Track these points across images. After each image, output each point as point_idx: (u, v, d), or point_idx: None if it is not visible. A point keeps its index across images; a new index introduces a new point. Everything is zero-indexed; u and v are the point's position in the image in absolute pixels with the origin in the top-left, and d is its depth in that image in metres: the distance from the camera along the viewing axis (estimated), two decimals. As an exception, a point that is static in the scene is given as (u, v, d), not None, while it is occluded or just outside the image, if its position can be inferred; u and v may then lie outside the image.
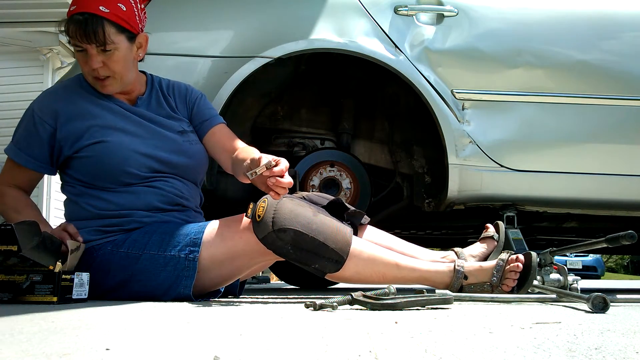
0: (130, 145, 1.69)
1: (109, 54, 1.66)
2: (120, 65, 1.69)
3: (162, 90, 1.87)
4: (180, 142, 1.79)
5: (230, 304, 1.51)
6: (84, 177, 1.70)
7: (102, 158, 1.67)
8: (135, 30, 1.72)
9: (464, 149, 2.31)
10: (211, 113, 1.90)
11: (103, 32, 1.62)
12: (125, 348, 0.71)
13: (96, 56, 1.65)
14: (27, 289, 1.37)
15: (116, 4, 1.65)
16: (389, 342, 0.77)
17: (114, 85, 1.73)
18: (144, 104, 1.81)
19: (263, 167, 1.45)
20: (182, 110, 1.88)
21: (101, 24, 1.61)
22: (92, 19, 1.61)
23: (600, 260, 14.70)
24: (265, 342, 0.77)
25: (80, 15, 1.61)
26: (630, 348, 0.75)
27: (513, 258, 1.69)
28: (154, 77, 1.90)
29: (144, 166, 1.70)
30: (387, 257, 1.66)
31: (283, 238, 1.52)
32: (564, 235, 3.24)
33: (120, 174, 1.67)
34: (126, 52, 1.70)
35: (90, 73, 1.69)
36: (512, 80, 2.36)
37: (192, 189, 1.81)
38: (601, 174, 2.38)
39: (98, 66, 1.66)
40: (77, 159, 1.70)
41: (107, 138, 1.68)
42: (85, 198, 1.70)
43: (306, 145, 2.72)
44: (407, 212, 2.75)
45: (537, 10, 2.41)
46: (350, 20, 2.32)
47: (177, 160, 1.76)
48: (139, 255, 1.60)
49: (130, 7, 1.69)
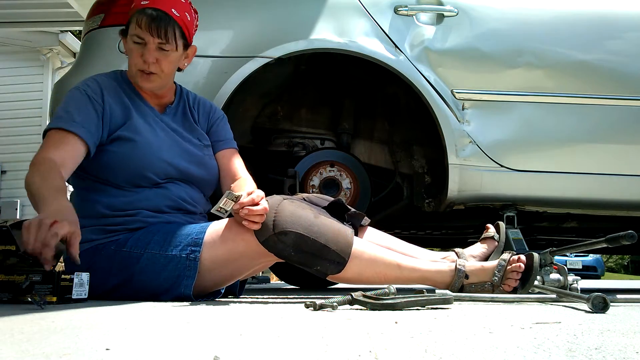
0: (156, 150, 1.71)
1: (165, 53, 1.71)
2: (171, 66, 1.75)
3: (189, 102, 1.90)
4: (201, 155, 1.82)
5: (230, 304, 1.51)
6: (100, 171, 1.69)
7: (127, 157, 1.67)
8: (190, 41, 1.79)
9: (464, 149, 2.31)
10: (227, 136, 1.94)
11: (173, 31, 1.69)
12: (125, 348, 0.71)
13: (154, 51, 1.69)
14: (26, 289, 1.37)
15: (184, 11, 1.73)
16: (389, 342, 0.77)
17: (156, 83, 1.75)
18: (171, 113, 1.84)
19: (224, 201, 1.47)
20: (203, 124, 1.91)
21: (172, 24, 1.69)
22: (165, 17, 1.68)
23: (600, 260, 14.69)
24: (265, 342, 0.77)
25: (154, 11, 1.68)
26: (630, 348, 0.75)
27: (515, 258, 1.69)
28: (182, 89, 1.93)
29: (163, 173, 1.71)
30: (388, 258, 1.66)
31: (284, 241, 1.52)
32: (564, 235, 3.24)
33: (139, 176, 1.68)
34: (178, 57, 1.76)
35: (140, 65, 1.71)
36: (512, 80, 2.36)
37: (201, 198, 1.83)
38: (601, 174, 2.38)
39: (152, 60, 1.70)
40: (105, 152, 1.69)
41: (137, 138, 1.69)
42: (92, 193, 1.69)
43: (306, 145, 2.72)
44: (407, 212, 2.75)
45: (537, 10, 2.42)
46: (350, 20, 2.32)
47: (196, 172, 1.78)
48: (141, 255, 1.60)
49: (192, 18, 1.78)
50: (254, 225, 1.51)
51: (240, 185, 1.75)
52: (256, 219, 1.50)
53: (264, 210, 1.49)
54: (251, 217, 1.49)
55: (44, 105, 7.01)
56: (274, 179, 2.59)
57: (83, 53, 2.38)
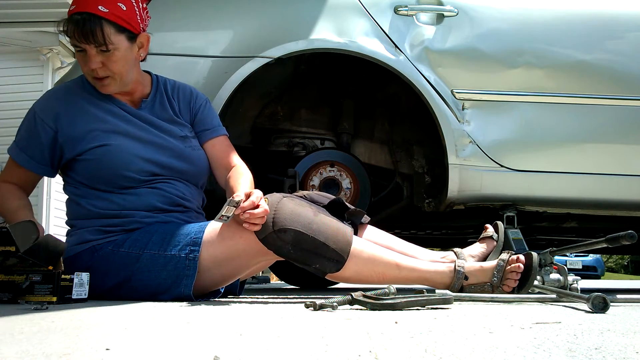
0: (131, 149, 1.68)
1: (108, 54, 1.64)
2: (120, 66, 1.67)
3: (167, 92, 1.86)
4: (182, 148, 1.78)
5: (230, 304, 1.51)
6: (85, 179, 1.70)
7: (102, 161, 1.66)
8: (136, 30, 1.70)
9: (464, 149, 2.31)
10: (213, 123, 1.89)
11: (102, 32, 1.60)
12: (125, 348, 0.71)
13: (95, 56, 1.63)
14: (26, 289, 1.37)
15: (116, 3, 1.62)
16: (389, 342, 0.77)
17: (113, 86, 1.71)
18: (148, 107, 1.80)
19: (226, 208, 1.47)
20: (185, 114, 1.86)
21: (99, 24, 1.60)
22: (91, 19, 1.59)
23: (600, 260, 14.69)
24: (265, 342, 0.77)
25: (79, 15, 1.60)
26: (630, 348, 0.75)
27: (514, 258, 1.69)
28: (159, 78, 1.88)
29: (143, 171, 1.69)
30: (388, 257, 1.66)
31: (283, 238, 1.52)
32: (564, 235, 3.24)
33: (119, 177, 1.67)
34: (126, 52, 1.68)
35: (90, 73, 1.68)
36: (512, 80, 2.36)
37: (194, 191, 1.81)
38: (601, 174, 2.38)
39: (97, 66, 1.64)
40: (79, 161, 1.70)
41: (109, 142, 1.67)
42: (86, 198, 1.70)
43: (306, 145, 2.72)
44: (407, 212, 2.75)
45: (537, 10, 2.41)
46: (350, 20, 2.32)
47: (179, 165, 1.76)
48: (140, 255, 1.59)
49: (130, 6, 1.67)
50: (255, 227, 1.51)
51: (236, 177, 1.73)
52: (257, 221, 1.50)
53: (264, 212, 1.49)
54: (252, 220, 1.49)
55: (43, 105, 7.01)
56: (274, 179, 2.60)
57: (83, 53, 2.38)
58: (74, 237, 1.69)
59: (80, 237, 1.67)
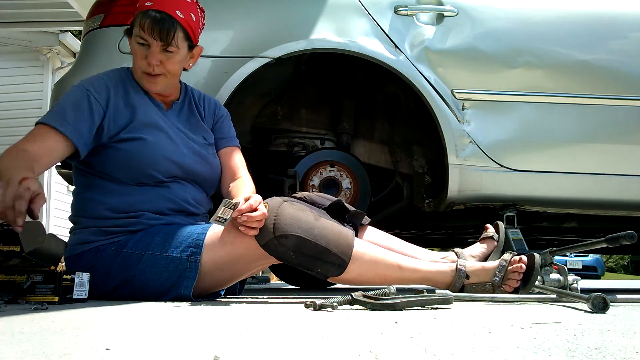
0: (163, 148, 1.70)
1: (169, 55, 1.70)
2: (176, 67, 1.74)
3: (194, 99, 1.91)
4: (206, 154, 1.81)
5: (230, 304, 1.51)
6: (104, 167, 1.69)
7: (134, 155, 1.67)
8: (196, 41, 1.78)
9: (464, 149, 2.31)
10: (230, 133, 1.94)
11: (174, 34, 1.68)
12: (125, 348, 0.71)
13: (158, 54, 1.69)
14: (28, 289, 1.37)
15: (189, 12, 1.72)
16: (389, 342, 0.77)
17: (162, 84, 1.75)
18: (177, 109, 1.84)
19: (222, 209, 1.46)
20: (209, 122, 1.91)
21: (174, 27, 1.67)
22: (169, 20, 1.66)
23: (600, 260, 14.69)
24: (265, 342, 0.77)
25: (157, 13, 1.66)
26: (630, 348, 0.75)
27: (516, 259, 1.69)
28: (187, 86, 1.93)
29: (167, 172, 1.71)
30: (389, 259, 1.66)
31: (285, 244, 1.51)
32: (564, 235, 3.24)
33: (143, 174, 1.68)
34: (183, 58, 1.75)
35: (145, 68, 1.71)
36: (512, 80, 2.36)
37: (204, 197, 1.83)
38: (601, 174, 2.38)
39: (156, 63, 1.69)
40: (110, 148, 1.68)
41: (146, 137, 1.69)
42: (94, 192, 1.69)
43: (306, 145, 2.72)
44: (407, 212, 2.75)
45: (537, 10, 2.42)
46: (350, 20, 2.32)
47: (201, 170, 1.78)
48: (142, 255, 1.59)
49: (198, 18, 1.76)
50: (252, 231, 1.50)
51: (239, 187, 1.75)
52: (254, 224, 1.50)
53: (262, 215, 1.49)
54: (249, 223, 1.49)
55: (43, 105, 7.01)
56: (274, 179, 2.59)
57: (83, 53, 2.38)
58: (78, 236, 1.69)
59: (84, 237, 1.67)
